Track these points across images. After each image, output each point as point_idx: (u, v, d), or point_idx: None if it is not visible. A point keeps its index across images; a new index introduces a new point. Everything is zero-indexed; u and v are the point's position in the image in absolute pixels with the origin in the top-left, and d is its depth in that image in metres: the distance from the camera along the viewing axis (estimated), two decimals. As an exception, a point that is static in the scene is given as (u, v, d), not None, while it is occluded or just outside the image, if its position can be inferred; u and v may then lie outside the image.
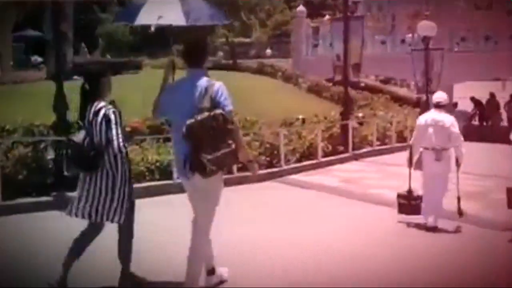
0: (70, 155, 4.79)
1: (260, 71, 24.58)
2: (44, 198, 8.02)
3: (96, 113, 4.67)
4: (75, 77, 13.88)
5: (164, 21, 5.79)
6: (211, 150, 4.25)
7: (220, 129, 4.26)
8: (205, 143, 4.26)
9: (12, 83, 15.01)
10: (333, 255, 6.05)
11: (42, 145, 8.57)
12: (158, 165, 9.39)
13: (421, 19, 19.30)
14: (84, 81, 4.83)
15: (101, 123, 4.63)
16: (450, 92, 23.32)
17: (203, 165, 4.29)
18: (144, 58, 28.34)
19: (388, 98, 21.42)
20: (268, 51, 38.92)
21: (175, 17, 5.72)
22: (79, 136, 4.70)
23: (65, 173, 6.55)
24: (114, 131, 4.58)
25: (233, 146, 4.30)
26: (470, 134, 20.59)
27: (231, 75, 23.05)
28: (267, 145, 11.16)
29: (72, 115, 8.21)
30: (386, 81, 30.56)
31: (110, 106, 4.72)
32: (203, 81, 4.48)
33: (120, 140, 4.58)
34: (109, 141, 4.60)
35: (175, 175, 9.30)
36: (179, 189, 8.09)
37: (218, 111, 4.31)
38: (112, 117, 4.63)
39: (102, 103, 4.71)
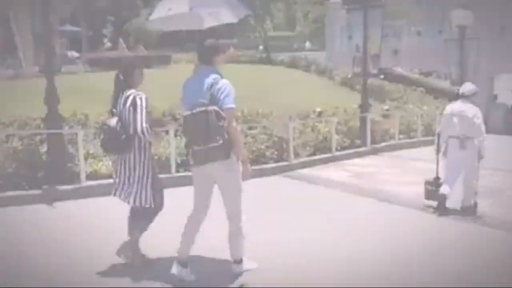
0: (104, 139, 5.17)
1: (294, 64, 24.20)
2: (34, 192, 7.97)
3: (126, 99, 5.03)
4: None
5: (172, 13, 5.81)
6: (201, 142, 4.50)
7: (211, 125, 4.45)
8: (197, 136, 4.51)
9: (33, 77, 15.20)
10: (333, 253, 5.83)
11: (37, 138, 8.57)
12: (157, 158, 9.23)
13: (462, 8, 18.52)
14: (118, 72, 5.19)
15: (129, 108, 4.97)
16: (490, 84, 22.35)
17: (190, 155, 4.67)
18: (183, 53, 28.50)
19: (423, 90, 20.68)
20: (308, 44, 38.43)
21: (181, 8, 5.77)
22: (112, 121, 5.03)
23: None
24: (138, 115, 4.89)
25: (220, 142, 4.46)
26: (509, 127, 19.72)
27: (264, 68, 22.87)
28: (275, 139, 10.83)
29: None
30: (429, 73, 29.67)
31: (138, 93, 5.05)
32: (209, 78, 4.65)
33: (144, 123, 4.86)
34: (135, 125, 4.92)
35: (173, 169, 9.24)
36: (178, 183, 8.11)
37: (212, 107, 4.49)
38: (138, 101, 4.95)
39: (131, 91, 5.07)
